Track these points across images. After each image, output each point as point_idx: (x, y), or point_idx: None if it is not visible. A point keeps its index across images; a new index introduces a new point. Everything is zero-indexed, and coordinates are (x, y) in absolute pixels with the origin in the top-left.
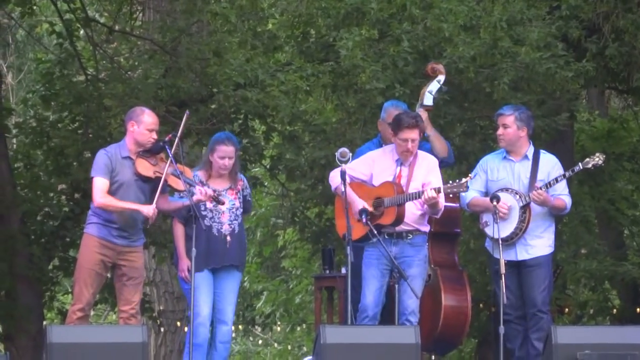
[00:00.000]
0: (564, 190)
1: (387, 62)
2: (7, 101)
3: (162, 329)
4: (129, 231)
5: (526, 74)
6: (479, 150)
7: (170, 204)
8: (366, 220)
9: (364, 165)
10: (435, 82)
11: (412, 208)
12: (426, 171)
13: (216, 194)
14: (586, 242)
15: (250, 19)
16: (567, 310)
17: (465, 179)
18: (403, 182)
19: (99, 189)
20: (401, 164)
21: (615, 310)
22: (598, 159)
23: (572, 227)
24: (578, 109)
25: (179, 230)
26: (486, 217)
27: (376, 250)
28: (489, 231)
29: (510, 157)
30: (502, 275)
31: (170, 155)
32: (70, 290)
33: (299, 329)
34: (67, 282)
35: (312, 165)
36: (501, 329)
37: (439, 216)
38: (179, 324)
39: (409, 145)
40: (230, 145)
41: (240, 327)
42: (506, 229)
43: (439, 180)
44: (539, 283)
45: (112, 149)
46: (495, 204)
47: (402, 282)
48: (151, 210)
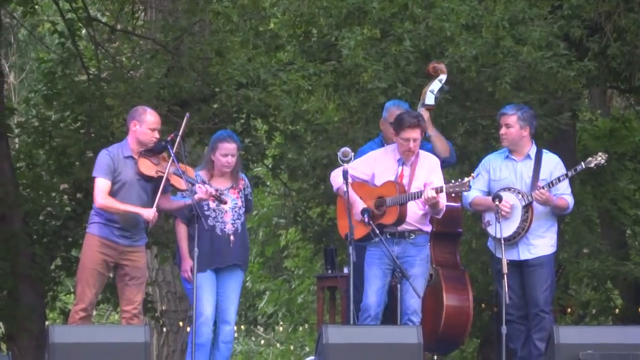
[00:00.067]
0: (567, 190)
1: (389, 61)
2: (9, 101)
3: (165, 329)
4: (131, 231)
5: (528, 73)
6: (481, 149)
7: (173, 203)
8: (368, 220)
9: (365, 165)
10: (437, 81)
11: (414, 208)
12: (428, 171)
13: (218, 193)
14: (588, 242)
15: (252, 19)
16: (569, 310)
17: (468, 178)
18: (405, 181)
19: (100, 189)
20: (403, 163)
21: (617, 310)
22: (600, 158)
23: (574, 227)
24: (580, 108)
25: (182, 231)
26: (488, 217)
27: (378, 249)
28: (491, 231)
29: (513, 157)
30: (505, 275)
31: (172, 155)
32: (72, 290)
33: (301, 329)
34: (70, 282)
35: (314, 165)
36: (503, 328)
37: (440, 216)
38: (181, 324)
39: (410, 145)
40: (232, 143)
41: (243, 327)
42: (508, 228)
43: (441, 179)
44: (541, 283)
45: (115, 148)
46: (497, 203)
47: (404, 281)
48: (151, 214)
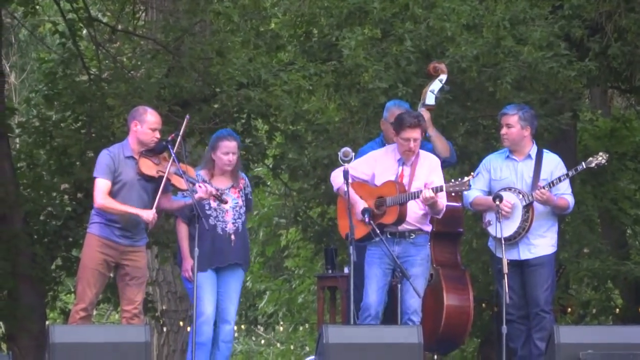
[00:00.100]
0: (567, 190)
1: (389, 61)
2: (10, 101)
3: (165, 329)
4: (132, 231)
5: (529, 73)
6: (481, 149)
7: (173, 203)
8: (369, 220)
9: (365, 165)
10: (437, 81)
11: (415, 207)
12: (428, 171)
13: (219, 193)
14: (589, 242)
15: (252, 19)
16: (569, 309)
17: (468, 177)
18: (405, 181)
19: (100, 190)
20: (403, 163)
21: (617, 310)
22: (601, 158)
23: (574, 227)
24: (581, 108)
25: (183, 230)
26: (489, 217)
27: (379, 249)
28: (491, 230)
29: (514, 157)
30: (505, 275)
31: (173, 155)
32: (72, 290)
33: (301, 328)
34: (70, 282)
35: (315, 165)
36: (504, 328)
37: (440, 216)
38: (181, 323)
39: (411, 145)
40: (232, 141)
41: (243, 326)
42: (509, 228)
43: (441, 179)
44: (541, 282)
45: (115, 148)
46: (497, 203)
47: (404, 281)
48: (151, 215)
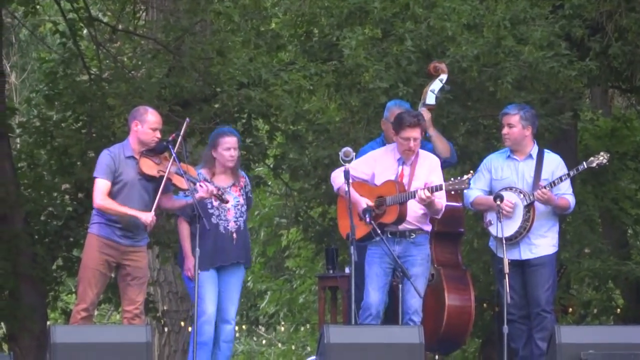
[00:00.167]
0: (568, 190)
1: (390, 61)
2: (11, 101)
3: (166, 329)
4: (133, 231)
5: (529, 73)
6: (482, 149)
7: (175, 203)
8: (370, 220)
9: (365, 165)
10: (438, 81)
11: (415, 207)
12: (428, 170)
13: (220, 192)
14: (590, 242)
15: (253, 18)
16: (570, 309)
17: (467, 176)
18: (405, 181)
19: (100, 190)
20: (403, 163)
21: (619, 310)
22: (603, 158)
23: (575, 227)
24: (581, 108)
25: (185, 230)
26: (490, 216)
27: (379, 248)
28: (492, 230)
29: (515, 156)
30: (506, 275)
31: (174, 154)
32: (74, 290)
33: (302, 328)
34: (71, 282)
35: (316, 165)
36: (505, 328)
37: (439, 216)
38: (182, 323)
39: (410, 144)
40: (233, 136)
41: (244, 327)
42: (510, 228)
43: (441, 179)
44: (542, 282)
45: (116, 149)
46: (498, 203)
47: (405, 281)
48: (149, 218)
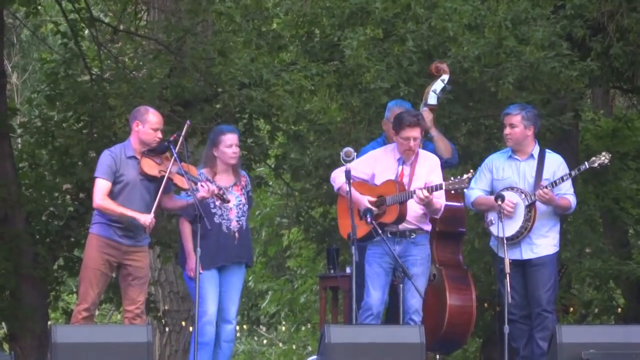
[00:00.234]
0: (569, 190)
1: (391, 61)
2: (12, 101)
3: (167, 329)
4: (134, 231)
5: (531, 73)
6: (483, 149)
7: (176, 202)
8: (371, 220)
9: (365, 165)
10: (439, 81)
11: (415, 206)
12: (428, 170)
13: (221, 192)
14: (591, 242)
15: (254, 19)
16: (571, 309)
17: (467, 175)
18: (405, 180)
19: (100, 190)
20: (403, 162)
21: (619, 310)
22: (604, 158)
23: (576, 227)
24: (583, 108)
25: (187, 229)
26: (491, 216)
27: (379, 248)
28: (493, 230)
29: (516, 156)
30: (507, 275)
31: (175, 154)
32: (75, 290)
33: (303, 328)
34: (72, 282)
35: (317, 165)
36: (506, 328)
37: (438, 216)
38: (183, 323)
39: (410, 144)
40: (233, 133)
41: (245, 326)
42: (511, 228)
43: (440, 179)
44: (544, 282)
45: (117, 149)
46: (499, 202)
47: (406, 281)
48: (148, 220)
